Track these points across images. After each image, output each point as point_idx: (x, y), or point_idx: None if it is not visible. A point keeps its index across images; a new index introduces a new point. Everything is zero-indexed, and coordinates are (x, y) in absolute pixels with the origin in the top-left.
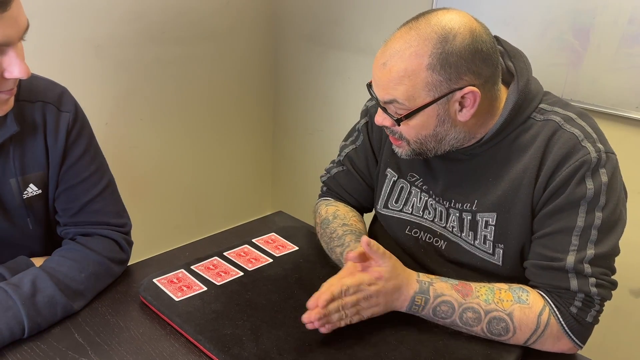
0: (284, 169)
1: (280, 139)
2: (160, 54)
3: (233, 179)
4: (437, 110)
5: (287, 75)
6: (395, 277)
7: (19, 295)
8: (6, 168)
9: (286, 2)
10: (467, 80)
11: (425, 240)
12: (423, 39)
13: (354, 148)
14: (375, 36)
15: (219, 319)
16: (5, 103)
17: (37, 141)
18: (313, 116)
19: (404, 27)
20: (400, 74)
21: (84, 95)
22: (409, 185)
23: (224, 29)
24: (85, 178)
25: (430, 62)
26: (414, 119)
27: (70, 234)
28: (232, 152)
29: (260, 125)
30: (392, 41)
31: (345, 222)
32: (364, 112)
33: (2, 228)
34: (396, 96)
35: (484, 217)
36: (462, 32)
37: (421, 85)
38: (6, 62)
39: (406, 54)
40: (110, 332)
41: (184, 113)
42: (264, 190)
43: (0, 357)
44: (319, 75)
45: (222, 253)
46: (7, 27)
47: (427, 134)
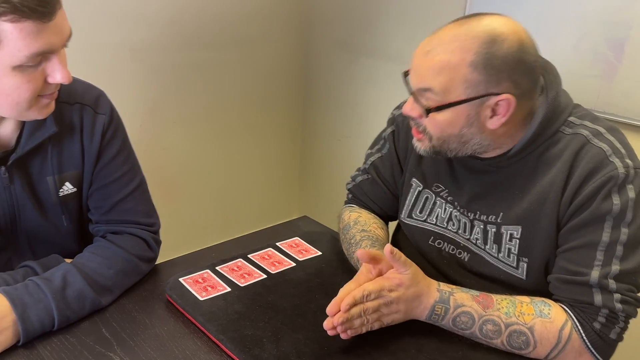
0: (311, 174)
1: (309, 144)
2: (193, 59)
3: (261, 182)
4: (469, 110)
5: (317, 81)
6: (416, 285)
7: (50, 289)
8: (44, 166)
9: (318, 8)
10: (505, 87)
11: (448, 252)
12: (472, 35)
13: (379, 156)
14: (406, 45)
15: (241, 319)
16: (47, 106)
17: (74, 141)
18: (341, 122)
19: (455, 22)
20: (442, 64)
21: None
22: (434, 195)
23: (256, 35)
24: (117, 178)
25: (474, 59)
26: (443, 113)
27: (101, 232)
28: (261, 156)
29: (289, 130)
30: (440, 32)
31: (365, 229)
32: (390, 121)
33: (38, 224)
34: (432, 85)
35: (509, 230)
36: (511, 39)
37: (459, 81)
38: (49, 68)
39: (452, 46)
40: (136, 329)
41: (214, 116)
42: (291, 194)
43: (31, 348)
44: (349, 82)
45: (247, 255)
46: (52, 35)
47: (452, 132)
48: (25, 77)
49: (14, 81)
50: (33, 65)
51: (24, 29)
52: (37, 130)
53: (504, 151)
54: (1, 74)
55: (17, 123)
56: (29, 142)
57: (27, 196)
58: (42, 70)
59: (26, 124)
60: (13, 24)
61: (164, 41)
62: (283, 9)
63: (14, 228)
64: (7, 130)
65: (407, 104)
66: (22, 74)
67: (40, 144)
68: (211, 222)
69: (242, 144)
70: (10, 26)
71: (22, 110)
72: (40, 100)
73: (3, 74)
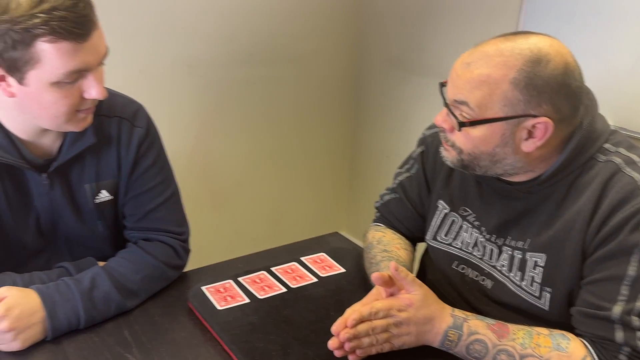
0: (359, 190)
1: (358, 160)
2: (247, 75)
3: (310, 196)
4: (504, 129)
5: (368, 97)
6: (427, 307)
7: (79, 289)
8: (82, 174)
9: (371, 26)
10: (545, 110)
11: (471, 277)
12: (517, 52)
13: (408, 176)
14: None
15: (254, 331)
16: (84, 120)
17: (111, 152)
18: (391, 140)
19: (500, 37)
20: (482, 78)
21: (176, 110)
22: (460, 219)
23: (309, 52)
24: (151, 188)
25: (516, 77)
26: (477, 129)
27: (134, 238)
28: (311, 170)
29: (339, 146)
30: (483, 45)
31: (387, 249)
32: (420, 141)
33: (76, 228)
34: (469, 99)
35: (534, 257)
36: (557, 61)
37: (498, 97)
38: (85, 85)
39: (495, 60)
40: (156, 333)
41: (266, 130)
42: (339, 209)
43: (57, 343)
44: (400, 99)
45: (270, 268)
46: (87, 55)
47: (484, 150)
48: (63, 93)
49: (52, 96)
50: (70, 82)
51: (61, 48)
52: (78, 141)
53: (535, 175)
54: (40, 89)
55: (59, 133)
56: (70, 152)
57: (66, 202)
58: (78, 87)
59: (68, 135)
60: (51, 44)
61: (220, 57)
62: (336, 27)
63: (53, 231)
64: (49, 140)
65: (440, 115)
66: (59, 89)
67: (79, 153)
68: (259, 233)
69: (292, 158)
70: (49, 46)
71: (61, 123)
72: (78, 114)
73: (42, 89)
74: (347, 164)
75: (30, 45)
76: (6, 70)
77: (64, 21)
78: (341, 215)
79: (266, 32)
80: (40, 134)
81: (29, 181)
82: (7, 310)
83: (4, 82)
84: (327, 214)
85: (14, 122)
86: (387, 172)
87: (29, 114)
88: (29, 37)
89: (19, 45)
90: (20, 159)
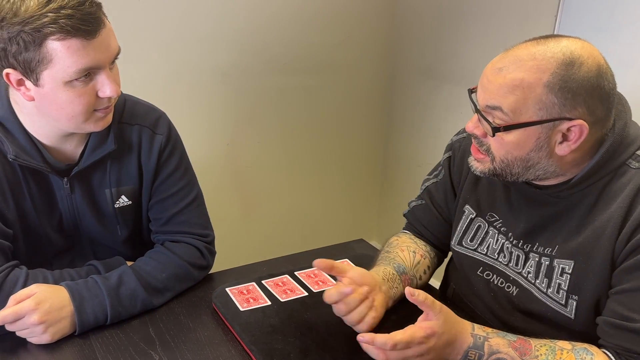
0: (391, 198)
1: (390, 168)
2: (280, 83)
3: (340, 204)
4: (539, 133)
5: (400, 106)
6: (449, 331)
7: (106, 286)
8: (103, 179)
9: (404, 35)
10: (579, 113)
11: (496, 284)
12: (549, 56)
13: (434, 182)
14: None
15: (274, 333)
16: (103, 120)
17: (132, 159)
18: (423, 149)
19: (531, 41)
20: (516, 82)
21: (210, 117)
22: (486, 224)
23: (341, 61)
24: (174, 192)
25: (550, 80)
26: (512, 134)
27: (160, 241)
28: (342, 178)
29: (371, 154)
30: (515, 49)
31: (389, 249)
32: (448, 147)
33: (97, 231)
34: (503, 104)
35: (561, 264)
36: (589, 64)
37: (533, 101)
38: (99, 83)
39: (528, 64)
40: (179, 331)
41: (297, 138)
42: (370, 218)
43: (85, 338)
44: (432, 108)
45: (293, 272)
46: (97, 52)
47: (518, 155)
48: (77, 92)
49: (67, 95)
50: (83, 81)
51: (71, 46)
52: (99, 147)
53: (566, 179)
54: (55, 89)
55: (81, 140)
56: (91, 157)
57: (87, 205)
58: (92, 86)
59: (89, 141)
60: (61, 42)
61: (254, 66)
62: (369, 36)
63: (76, 232)
64: (72, 146)
65: (471, 122)
66: (73, 89)
67: (100, 159)
68: (288, 240)
69: (323, 166)
70: (59, 44)
71: (79, 123)
72: (95, 113)
73: (57, 89)
74: (379, 172)
75: (42, 45)
76: (23, 73)
77: (72, 19)
78: (371, 224)
79: (300, 41)
80: (63, 139)
81: (52, 184)
82: (38, 304)
83: (23, 85)
84: (357, 222)
85: (37, 127)
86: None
87: (48, 116)
88: (40, 36)
89: (31, 46)
90: (43, 163)
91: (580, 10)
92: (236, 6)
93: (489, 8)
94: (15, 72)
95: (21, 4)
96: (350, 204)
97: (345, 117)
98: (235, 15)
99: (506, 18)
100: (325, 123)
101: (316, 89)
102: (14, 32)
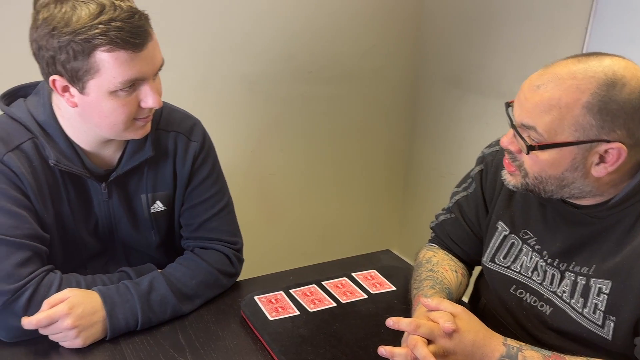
0: (413, 209)
1: (413, 178)
2: (305, 91)
3: (362, 212)
4: (575, 153)
5: (425, 115)
6: (474, 332)
7: (137, 292)
8: (140, 185)
9: (430, 45)
10: (618, 135)
11: (529, 303)
12: (590, 75)
13: (465, 195)
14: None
15: (303, 343)
16: (142, 128)
17: (167, 165)
18: (447, 159)
19: (572, 58)
20: (552, 102)
21: (236, 124)
22: (520, 242)
23: (367, 70)
24: (206, 199)
25: (589, 101)
26: (546, 153)
27: (190, 247)
28: (365, 188)
29: (395, 163)
30: (554, 66)
31: (433, 268)
32: (479, 159)
33: (131, 236)
34: (537, 124)
35: (598, 284)
36: (632, 85)
37: (569, 122)
38: (142, 94)
39: (567, 83)
40: (208, 339)
41: (321, 146)
42: (392, 228)
43: (116, 343)
44: (458, 118)
45: (321, 282)
46: (143, 64)
47: (553, 174)
48: (121, 102)
49: (111, 105)
50: (127, 91)
51: (119, 58)
52: (137, 153)
53: (604, 199)
54: (100, 98)
55: (120, 146)
56: (129, 163)
57: (123, 210)
58: (135, 96)
59: (128, 147)
60: (109, 53)
61: (280, 74)
62: (396, 45)
63: (111, 237)
64: (110, 152)
65: (506, 137)
66: (117, 98)
67: (138, 165)
68: (310, 247)
69: (346, 173)
70: (107, 55)
71: (120, 131)
72: (136, 122)
73: (102, 98)
74: (402, 182)
75: (90, 55)
76: (69, 80)
77: (121, 31)
78: (393, 233)
79: (326, 50)
80: (102, 145)
81: (90, 189)
82: (71, 309)
83: (68, 92)
84: (378, 231)
85: (78, 132)
86: (441, 191)
87: (90, 122)
88: (89, 47)
89: (80, 56)
90: (83, 168)
91: (612, 20)
92: (266, 16)
93: (518, 18)
94: (61, 79)
95: (73, 14)
96: (372, 213)
97: (369, 125)
98: (264, 25)
99: (535, 28)
100: (348, 131)
101: (341, 97)
102: (65, 41)
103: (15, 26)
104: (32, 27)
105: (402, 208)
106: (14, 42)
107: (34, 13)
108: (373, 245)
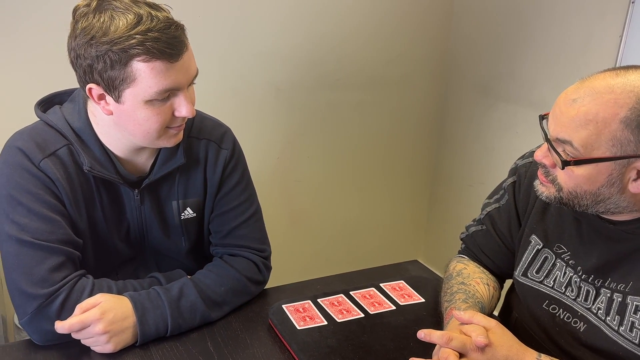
0: (439, 218)
1: (439, 187)
2: (332, 98)
3: (388, 220)
4: (611, 169)
5: (453, 123)
6: (506, 347)
7: (167, 298)
8: (171, 191)
9: (460, 52)
10: None
11: (562, 319)
12: (629, 89)
13: (497, 207)
14: (550, 92)
15: (331, 354)
16: (175, 137)
17: (198, 172)
18: (475, 168)
19: (610, 72)
20: (589, 117)
21: (262, 131)
22: (554, 256)
23: (394, 78)
24: (235, 206)
25: (627, 116)
26: (582, 168)
27: (219, 254)
28: (390, 196)
29: (421, 172)
30: (591, 80)
31: (465, 281)
32: (512, 171)
33: (162, 242)
34: (573, 139)
35: (635, 301)
36: None
37: (607, 137)
38: (176, 104)
39: (605, 98)
40: (237, 346)
41: (347, 153)
42: (417, 237)
43: (146, 349)
44: (487, 127)
45: (349, 292)
46: (178, 74)
47: (588, 189)
48: (155, 110)
49: (146, 113)
50: (162, 100)
51: (155, 67)
52: (169, 160)
53: None
54: (135, 107)
55: (152, 153)
56: (161, 170)
57: (154, 216)
58: (170, 105)
59: (160, 155)
60: (145, 63)
61: (307, 81)
62: (424, 52)
63: (142, 243)
64: (143, 159)
65: (540, 151)
66: (152, 107)
67: (170, 172)
68: (335, 255)
69: (371, 181)
70: (143, 65)
71: (153, 139)
72: (169, 130)
73: (137, 107)
74: (428, 191)
75: (127, 65)
76: (105, 89)
77: (158, 42)
78: (418, 243)
79: (353, 57)
80: (135, 152)
81: (123, 195)
82: (103, 314)
83: (103, 100)
84: (404, 240)
85: (112, 139)
86: (469, 201)
87: (124, 130)
88: (126, 56)
89: (117, 65)
90: (116, 175)
91: None
92: (293, 24)
93: (551, 25)
94: (97, 88)
95: (111, 23)
96: (397, 221)
97: (396, 133)
98: (291, 32)
99: (568, 37)
100: (375, 139)
101: (367, 104)
102: (102, 50)
103: (52, 34)
104: (71, 36)
105: (427, 217)
106: (52, 50)
107: (72, 22)
108: (398, 254)
